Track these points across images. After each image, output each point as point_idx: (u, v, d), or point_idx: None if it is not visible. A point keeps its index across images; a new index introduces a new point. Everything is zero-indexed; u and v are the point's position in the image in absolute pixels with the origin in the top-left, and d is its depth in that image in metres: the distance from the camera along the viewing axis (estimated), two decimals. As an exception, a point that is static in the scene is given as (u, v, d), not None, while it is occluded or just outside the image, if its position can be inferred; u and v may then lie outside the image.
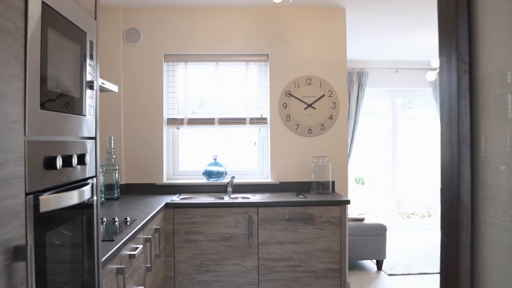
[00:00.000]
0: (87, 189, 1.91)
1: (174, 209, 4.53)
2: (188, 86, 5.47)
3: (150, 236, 3.62)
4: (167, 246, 4.51)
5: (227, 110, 5.50)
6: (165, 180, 5.33)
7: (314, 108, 5.37)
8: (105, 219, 3.44)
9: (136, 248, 3.20)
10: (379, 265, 6.44)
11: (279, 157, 5.37)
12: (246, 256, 4.59)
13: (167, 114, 5.41)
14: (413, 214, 9.81)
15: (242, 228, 4.58)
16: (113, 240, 2.80)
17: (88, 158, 1.94)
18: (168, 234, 4.52)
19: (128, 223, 3.36)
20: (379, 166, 9.28)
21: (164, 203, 4.47)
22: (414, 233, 8.88)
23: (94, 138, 2.13)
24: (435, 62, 7.13)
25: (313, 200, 4.67)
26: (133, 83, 5.27)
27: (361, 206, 8.40)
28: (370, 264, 6.63)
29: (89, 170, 2.03)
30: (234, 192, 5.20)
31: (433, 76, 7.22)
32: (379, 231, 6.39)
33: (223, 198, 4.98)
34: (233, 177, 5.11)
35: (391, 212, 9.26)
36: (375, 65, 8.63)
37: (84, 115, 2.00)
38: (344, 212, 4.68)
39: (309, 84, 5.36)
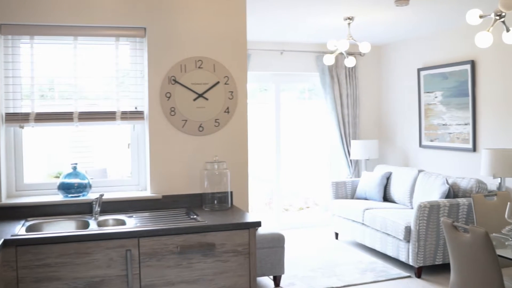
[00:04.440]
0: None
1: (18, 248, 3.14)
2: (35, 70, 4.01)
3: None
4: (7, 302, 3.12)
5: (90, 102, 4.16)
6: (4, 200, 3.86)
7: (206, 99, 4.19)
8: None
9: None
10: (277, 281, 5.50)
11: (161, 163, 4.13)
12: (124, 305, 3.34)
13: (5, 107, 3.93)
14: (290, 206, 9.11)
15: (117, 267, 3.30)
16: None
17: None
18: (10, 285, 3.13)
19: None
20: (257, 155, 8.35)
21: (1, 240, 3.07)
22: (300, 231, 8.06)
23: None
24: (332, 44, 6.24)
25: (213, 225, 3.52)
26: (-47, 64, 3.73)
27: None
28: (267, 281, 5.64)
29: None
30: (102, 212, 3.88)
31: (331, 60, 6.33)
32: (277, 242, 5.44)
33: (88, 224, 3.65)
34: (101, 195, 3.78)
35: (276, 208, 8.40)
36: (258, 46, 7.64)
37: None
38: (253, 237, 3.59)
39: (199, 67, 4.17)
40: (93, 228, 3.54)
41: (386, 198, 7.26)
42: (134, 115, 4.18)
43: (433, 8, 5.66)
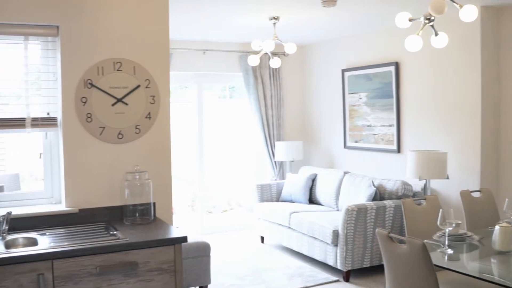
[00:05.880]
0: None
1: None
2: None
3: None
4: None
5: (-4, 108, 3.76)
6: None
7: (126, 104, 3.88)
8: None
9: None
10: (203, 292, 5.27)
11: (77, 173, 3.79)
12: (36, 335, 3.00)
13: None
14: (214, 208, 8.91)
15: (28, 294, 2.98)
16: None
17: None
18: None
19: None
20: (179, 156, 8.09)
21: None
22: (224, 235, 7.87)
23: None
24: (257, 44, 6.07)
25: (135, 242, 3.24)
26: None
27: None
28: (193, 292, 5.40)
29: None
30: (11, 230, 3.50)
31: (256, 60, 6.15)
32: (202, 252, 5.24)
33: (-6, 244, 3.29)
34: (9, 213, 3.41)
35: (199, 210, 8.16)
36: (180, 45, 7.37)
37: None
38: (179, 253, 3.34)
39: (118, 70, 3.85)
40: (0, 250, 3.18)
41: (312, 200, 7.18)
42: (46, 122, 3.82)
43: (359, 10, 5.60)
